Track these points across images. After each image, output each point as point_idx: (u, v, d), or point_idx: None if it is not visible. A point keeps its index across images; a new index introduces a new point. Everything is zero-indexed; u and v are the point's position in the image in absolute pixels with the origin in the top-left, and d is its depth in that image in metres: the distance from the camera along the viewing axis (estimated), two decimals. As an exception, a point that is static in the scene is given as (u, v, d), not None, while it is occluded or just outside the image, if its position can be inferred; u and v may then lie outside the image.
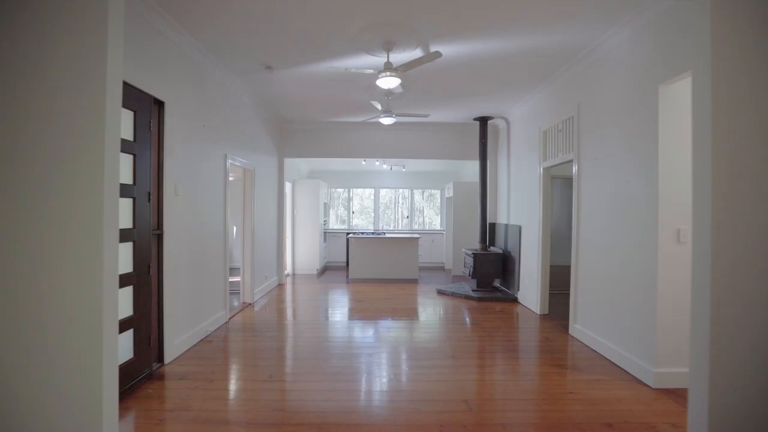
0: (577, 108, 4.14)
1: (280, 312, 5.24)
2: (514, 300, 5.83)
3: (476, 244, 8.08)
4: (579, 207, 4.13)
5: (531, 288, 5.38)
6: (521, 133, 5.90)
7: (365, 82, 4.72)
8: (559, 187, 6.29)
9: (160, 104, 3.29)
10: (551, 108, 4.83)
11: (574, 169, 4.19)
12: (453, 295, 6.19)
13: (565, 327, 4.39)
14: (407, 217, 10.36)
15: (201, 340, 3.96)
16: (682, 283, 2.84)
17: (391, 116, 5.02)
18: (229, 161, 4.76)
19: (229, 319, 4.76)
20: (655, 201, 2.94)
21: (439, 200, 10.39)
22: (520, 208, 5.92)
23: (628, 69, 3.31)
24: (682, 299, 2.86)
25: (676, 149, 2.89)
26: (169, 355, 3.39)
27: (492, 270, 6.29)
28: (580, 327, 4.02)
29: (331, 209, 10.33)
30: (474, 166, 8.65)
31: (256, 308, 5.38)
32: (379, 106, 4.89)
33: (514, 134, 6.25)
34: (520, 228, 5.83)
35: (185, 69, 3.70)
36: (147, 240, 3.08)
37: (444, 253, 9.36)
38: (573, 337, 4.09)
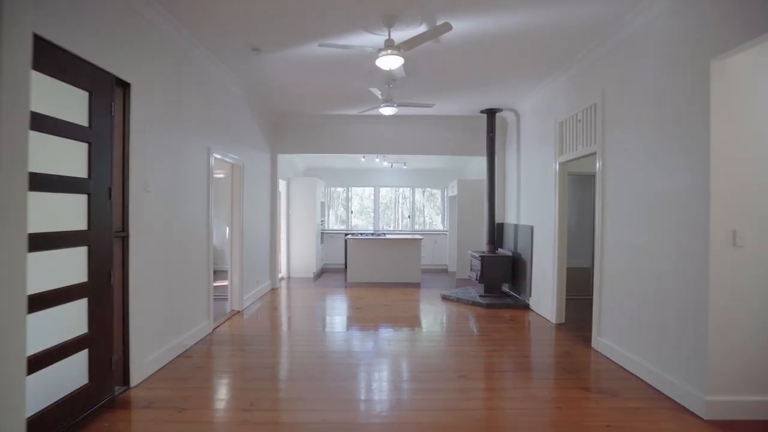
0: (601, 94, 3.69)
1: (272, 321, 4.78)
2: (526, 307, 5.38)
3: (482, 246, 7.64)
4: (603, 205, 3.68)
5: (545, 294, 4.93)
6: (533, 126, 5.45)
7: (364, 68, 4.27)
8: (570, 184, 5.83)
9: (125, 86, 2.84)
10: (569, 96, 4.37)
11: (598, 163, 3.74)
12: (459, 301, 5.74)
13: (587, 339, 3.94)
14: (408, 217, 9.90)
15: (179, 356, 3.51)
16: (742, 294, 2.39)
17: (393, 106, 4.56)
18: (214, 156, 4.31)
19: (214, 329, 4.31)
20: (704, 197, 2.49)
21: (439, 200, 9.94)
22: (532, 207, 5.46)
23: (668, 44, 2.85)
24: (742, 313, 2.41)
25: (732, 135, 2.44)
26: (137, 376, 2.93)
27: (501, 274, 5.83)
28: (606, 341, 3.57)
29: (330, 209, 9.88)
30: (479, 162, 8.22)
31: (246, 316, 4.93)
32: (379, 95, 4.44)
33: (524, 127, 5.80)
34: (531, 228, 5.38)
35: (159, 49, 3.25)
36: (107, 243, 2.63)
37: (447, 255, 8.91)
38: (597, 351, 3.64)
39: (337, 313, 5.18)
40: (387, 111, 4.62)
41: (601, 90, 3.69)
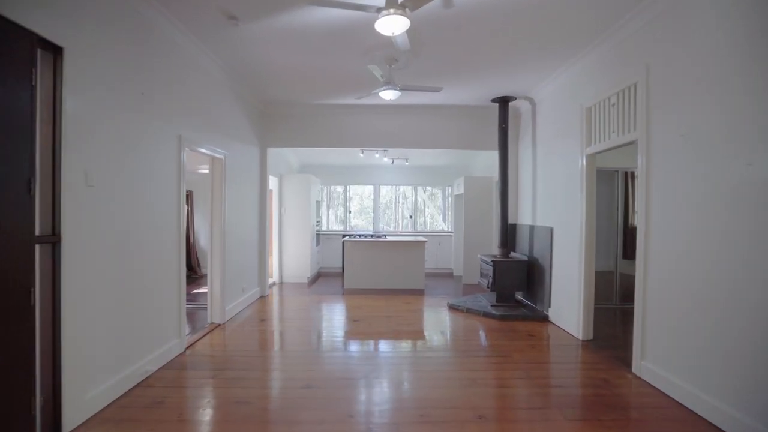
0: (644, 71, 3.07)
1: (256, 337, 4.17)
2: (544, 319, 4.77)
3: (492, 249, 7.04)
4: (648, 201, 3.07)
5: (568, 306, 4.31)
6: (552, 115, 4.84)
7: (362, 42, 3.66)
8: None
9: (55, 50, 2.23)
10: (599, 77, 3.76)
11: (639, 155, 3.13)
12: (468, 311, 5.13)
13: (624, 362, 3.33)
14: (410, 217, 9.29)
15: (138, 385, 2.90)
16: None
17: (395, 89, 3.96)
18: (187, 146, 3.70)
19: (188, 348, 3.70)
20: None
21: (440, 199, 9.31)
22: (551, 207, 4.85)
23: (747, -2, 2.24)
24: None
25: None
26: (73, 419, 2.32)
27: (515, 281, 5.22)
28: (653, 366, 2.96)
29: (330, 209, 9.27)
30: (487, 158, 7.62)
31: (228, 330, 4.32)
32: (379, 75, 3.83)
33: (541, 117, 5.18)
34: (551, 230, 4.77)
35: (108, 10, 2.63)
36: (23, 251, 2.02)
37: (453, 258, 8.30)
38: (642, 380, 3.03)
39: (331, 328, 4.56)
40: (388, 95, 4.01)
41: (644, 65, 3.08)
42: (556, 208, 4.70)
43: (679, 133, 2.74)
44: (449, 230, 8.97)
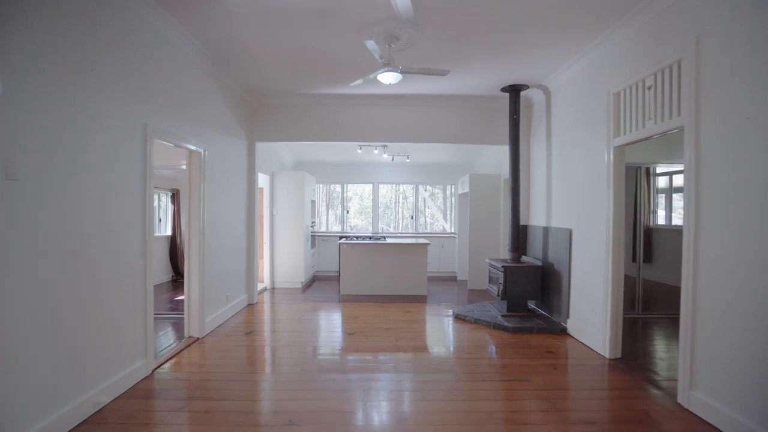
0: (693, 45, 2.57)
1: (236, 355, 3.66)
2: (562, 331, 4.27)
3: (499, 252, 6.55)
4: (698, 201, 2.57)
5: (591, 318, 3.81)
6: (571, 104, 4.33)
7: (358, 16, 3.16)
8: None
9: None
10: (631, 57, 3.26)
11: (688, 143, 2.63)
12: (477, 322, 4.62)
13: (666, 388, 2.84)
14: (411, 217, 8.78)
15: (84, 422, 2.40)
16: None
17: (395, 71, 3.45)
18: (156, 137, 3.20)
19: (155, 369, 3.20)
20: None
21: (441, 199, 8.79)
22: (568, 206, 4.35)
23: None
24: None
25: None
26: (-15, 476, 1.82)
27: (528, 288, 4.72)
28: (708, 399, 2.45)
29: (330, 209, 8.75)
30: (493, 155, 7.13)
31: (207, 346, 3.82)
32: (378, 56, 3.33)
33: (557, 107, 4.68)
34: (569, 232, 4.26)
35: (40, -38, 2.13)
36: None
37: (457, 261, 7.80)
38: (693, 414, 2.52)
39: (323, 343, 4.06)
40: (388, 78, 3.50)
41: (694, 38, 2.57)
42: (575, 207, 4.20)
43: (744, 116, 2.23)
44: (452, 231, 8.47)
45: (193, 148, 3.88)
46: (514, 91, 4.95)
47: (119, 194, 2.80)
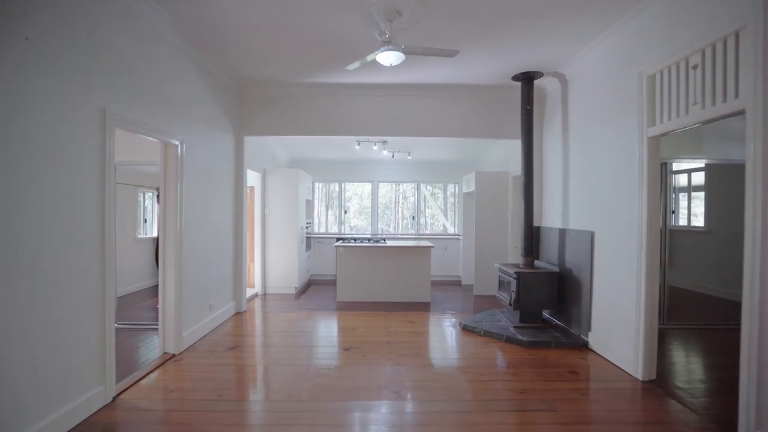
0: (761, 9, 2.12)
1: (214, 377, 3.20)
2: (584, 346, 3.81)
3: (507, 255, 6.10)
4: (766, 200, 2.12)
5: (619, 332, 3.36)
6: (592, 92, 3.88)
7: (352, -15, 2.72)
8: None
9: None
10: (671, 32, 2.81)
11: (750, 130, 2.17)
12: (486, 334, 4.17)
13: (717, 421, 2.38)
14: (413, 218, 8.32)
15: (16, 469, 1.94)
16: None
17: (397, 50, 3.00)
18: (117, 125, 2.74)
19: (118, 396, 2.74)
20: None
21: (441, 198, 8.31)
22: (589, 206, 3.90)
23: None
24: None
25: None
26: None
27: (543, 297, 4.27)
28: (780, 442, 2.00)
29: (329, 210, 8.28)
30: (500, 152, 6.70)
31: (184, 365, 3.36)
32: (377, 32, 2.88)
33: (576, 96, 4.23)
34: (591, 235, 3.81)
35: None
36: None
37: (461, 264, 7.34)
38: (762, 459, 2.08)
39: (315, 361, 3.60)
40: (388, 58, 3.04)
41: (761, 4, 2.12)
42: (598, 208, 3.75)
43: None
44: (456, 232, 8.01)
45: (167, 140, 3.42)
46: (527, 79, 4.50)
47: (70, 190, 2.34)
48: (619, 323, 3.38)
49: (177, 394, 2.83)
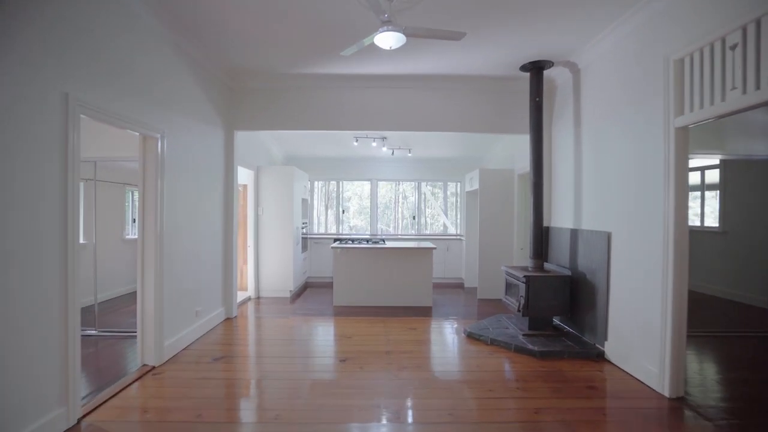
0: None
1: (194, 393, 2.91)
2: (599, 356, 3.52)
3: (513, 257, 5.80)
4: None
5: (640, 342, 3.06)
6: (609, 81, 3.58)
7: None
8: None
9: None
10: (702, 10, 2.51)
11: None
12: (494, 343, 3.87)
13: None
14: (413, 218, 8.02)
15: None
16: None
17: (398, 31, 2.70)
18: (83, 112, 2.44)
19: (83, 417, 2.45)
20: None
21: (441, 198, 8.00)
22: (605, 205, 3.60)
23: None
24: None
25: None
26: None
27: (554, 302, 3.97)
28: None
29: (329, 209, 7.97)
30: (504, 148, 6.41)
31: (163, 379, 3.07)
32: (374, 11, 2.58)
33: (589, 87, 3.93)
34: (608, 236, 3.52)
35: None
36: None
37: (464, 266, 7.04)
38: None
39: (307, 374, 3.29)
40: (387, 40, 2.75)
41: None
42: (615, 207, 3.45)
43: None
44: (458, 233, 7.72)
45: (146, 132, 3.12)
46: (537, 68, 4.20)
47: (24, 188, 2.04)
48: (640, 333, 3.08)
49: (152, 414, 2.53)
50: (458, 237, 7.44)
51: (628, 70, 3.28)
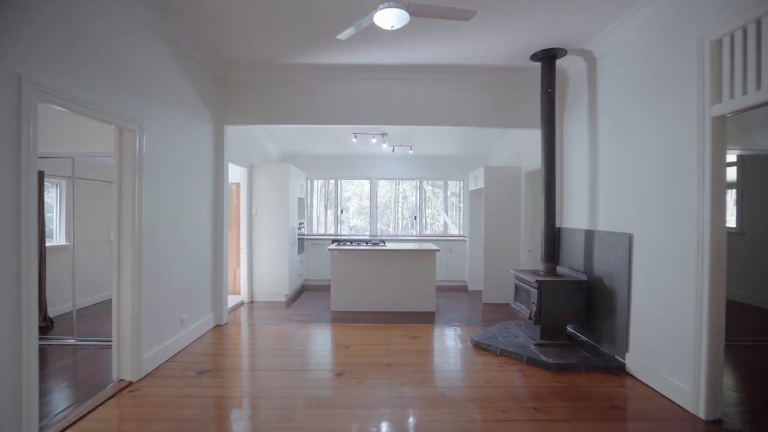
0: None
1: (170, 415, 2.61)
2: (620, 369, 3.22)
3: (520, 259, 5.50)
4: None
5: (670, 357, 2.76)
6: (630, 69, 3.28)
7: None
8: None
9: None
10: (749, -18, 2.22)
11: None
12: (503, 354, 3.57)
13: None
14: (414, 218, 7.72)
15: None
16: None
17: (401, 7, 2.40)
18: (40, 98, 2.14)
19: (44, 445, 2.15)
20: None
21: (442, 197, 7.70)
22: (626, 204, 3.30)
23: None
24: None
25: None
26: None
27: (569, 309, 3.67)
28: None
29: (328, 209, 7.66)
30: (509, 145, 6.12)
31: (140, 396, 2.77)
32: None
33: (607, 76, 3.63)
34: (629, 239, 3.22)
35: None
36: None
37: (467, 268, 6.74)
38: None
39: (299, 391, 2.99)
40: (389, 18, 2.45)
41: None
42: (638, 206, 3.15)
43: None
44: (461, 233, 7.42)
45: (121, 124, 2.82)
46: (549, 57, 3.90)
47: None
48: (668, 345, 2.78)
49: (122, 441, 2.23)
50: (461, 238, 7.14)
51: (655, 56, 2.98)
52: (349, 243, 5.47)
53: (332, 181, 7.64)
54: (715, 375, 2.46)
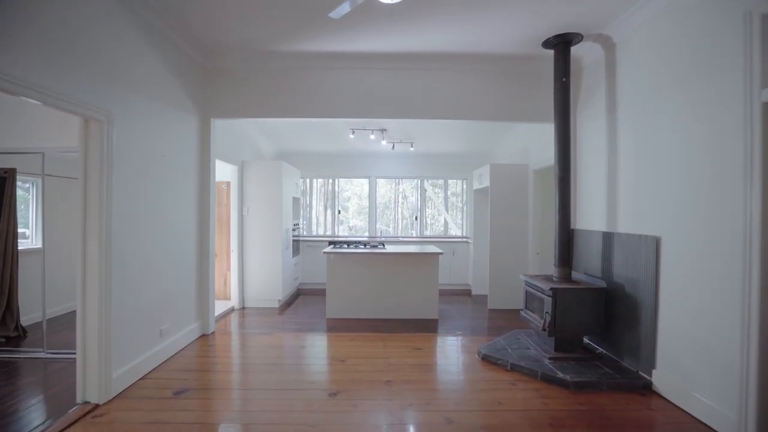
0: None
1: (143, 441, 2.27)
2: (646, 388, 2.88)
3: (528, 263, 5.17)
4: None
5: (708, 376, 2.43)
6: (657, 53, 2.94)
7: None
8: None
9: None
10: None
11: None
12: (515, 369, 3.23)
13: None
14: (416, 218, 7.37)
15: None
16: None
17: (401, -26, 2.06)
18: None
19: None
20: None
21: (442, 197, 7.35)
22: (652, 204, 2.97)
23: None
24: None
25: None
26: None
27: (586, 319, 3.33)
28: None
29: (328, 210, 7.32)
30: (515, 142, 5.81)
31: (106, 422, 2.43)
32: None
33: (630, 63, 3.29)
34: (656, 242, 2.88)
35: None
36: None
37: (471, 272, 6.41)
38: None
39: (285, 417, 2.64)
40: (388, -13, 2.11)
41: None
42: (666, 205, 2.82)
43: None
44: (465, 234, 7.08)
45: (85, 114, 2.48)
46: (563, 43, 3.57)
47: None
48: (705, 364, 2.45)
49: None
50: (465, 239, 6.80)
51: (688, 35, 2.65)
52: (346, 245, 5.13)
53: (330, 180, 7.30)
54: (765, 398, 2.12)
